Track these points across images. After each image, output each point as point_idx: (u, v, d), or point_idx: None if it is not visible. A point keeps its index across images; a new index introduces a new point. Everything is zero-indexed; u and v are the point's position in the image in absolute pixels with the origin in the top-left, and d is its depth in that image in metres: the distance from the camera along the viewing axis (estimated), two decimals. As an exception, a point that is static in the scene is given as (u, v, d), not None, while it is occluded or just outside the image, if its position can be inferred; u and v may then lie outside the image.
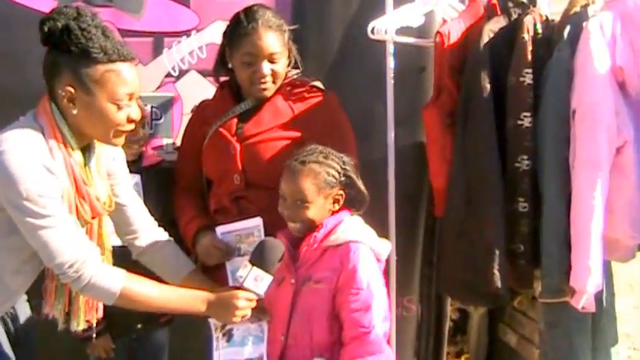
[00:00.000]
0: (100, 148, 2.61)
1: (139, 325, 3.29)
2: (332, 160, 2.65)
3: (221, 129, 3.04)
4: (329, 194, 2.63)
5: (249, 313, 2.56)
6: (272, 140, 2.98)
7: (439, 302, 3.86)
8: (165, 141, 3.64)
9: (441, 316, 3.88)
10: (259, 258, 2.55)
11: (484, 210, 3.14)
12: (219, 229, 2.98)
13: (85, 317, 2.64)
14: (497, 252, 3.10)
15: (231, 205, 3.01)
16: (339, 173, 2.64)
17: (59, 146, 2.43)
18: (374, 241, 2.67)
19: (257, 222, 2.89)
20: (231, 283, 2.85)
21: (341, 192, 2.66)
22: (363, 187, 2.69)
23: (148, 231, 2.83)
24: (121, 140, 2.53)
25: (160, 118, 3.63)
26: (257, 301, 2.59)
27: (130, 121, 2.48)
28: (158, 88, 3.62)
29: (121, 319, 3.16)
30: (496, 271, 3.10)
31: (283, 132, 2.99)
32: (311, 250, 2.63)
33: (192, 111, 3.40)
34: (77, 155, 2.48)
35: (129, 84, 2.44)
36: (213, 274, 2.98)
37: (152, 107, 3.58)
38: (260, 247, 2.57)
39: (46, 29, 2.41)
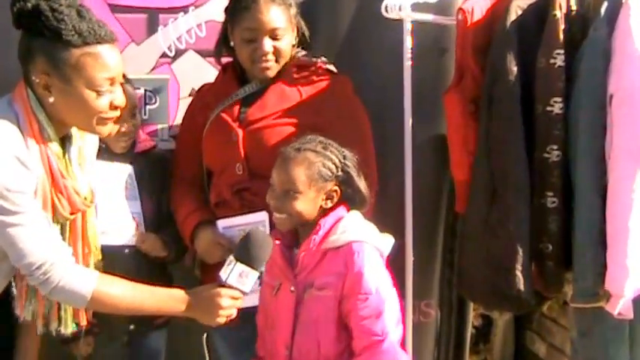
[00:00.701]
0: (83, 138, 2.58)
1: (132, 327, 3.20)
2: (331, 152, 2.61)
3: (223, 114, 3.02)
4: (322, 188, 2.60)
5: (234, 312, 2.53)
6: (277, 126, 2.95)
7: (460, 307, 3.83)
8: (160, 127, 3.60)
9: (463, 322, 3.84)
10: (245, 253, 2.51)
11: (509, 205, 3.09)
12: (221, 223, 2.96)
13: (74, 319, 2.62)
14: (520, 251, 3.05)
15: (232, 198, 2.99)
16: (336, 167, 2.61)
17: (34, 136, 2.38)
18: (376, 238, 2.63)
19: (262, 217, 2.86)
20: None
21: (336, 188, 2.62)
22: (363, 187, 2.65)
23: None
24: (107, 129, 2.49)
25: (155, 102, 3.58)
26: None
27: (113, 107, 2.44)
28: (152, 69, 3.57)
29: (110, 318, 2.94)
30: (519, 273, 3.06)
31: (290, 118, 2.96)
32: (310, 254, 2.59)
33: (191, 95, 3.41)
34: (54, 145, 2.44)
35: (109, 68, 2.40)
36: (213, 272, 2.87)
37: (145, 91, 3.53)
38: (246, 240, 2.53)
39: (15, 10, 2.37)
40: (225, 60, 3.18)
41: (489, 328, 3.99)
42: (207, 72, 3.41)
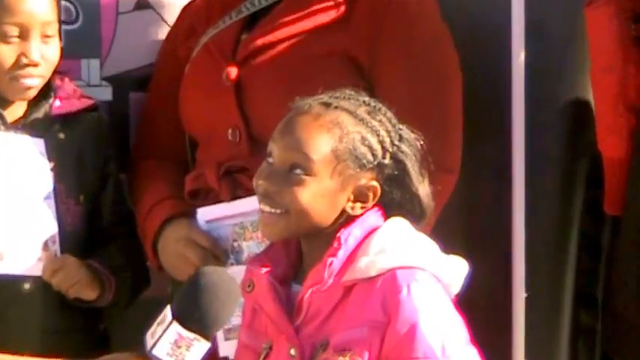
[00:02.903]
0: None
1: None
2: (380, 123, 2.28)
3: (211, 43, 2.85)
4: (351, 178, 2.24)
5: None
6: (298, 59, 2.72)
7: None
8: (87, 62, 3.16)
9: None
10: (189, 306, 2.15)
11: None
12: (203, 214, 2.80)
13: None
14: None
15: (220, 184, 2.78)
16: (383, 149, 2.26)
17: None
18: (438, 261, 2.32)
19: None
20: None
21: (374, 184, 2.28)
22: (424, 192, 2.34)
23: None
24: None
25: (76, 19, 3.15)
26: None
27: None
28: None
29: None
30: None
31: (320, 45, 2.73)
32: (323, 292, 2.26)
33: (139, 8, 3.21)
34: None
35: None
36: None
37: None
38: (193, 283, 2.20)
39: None
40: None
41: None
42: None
